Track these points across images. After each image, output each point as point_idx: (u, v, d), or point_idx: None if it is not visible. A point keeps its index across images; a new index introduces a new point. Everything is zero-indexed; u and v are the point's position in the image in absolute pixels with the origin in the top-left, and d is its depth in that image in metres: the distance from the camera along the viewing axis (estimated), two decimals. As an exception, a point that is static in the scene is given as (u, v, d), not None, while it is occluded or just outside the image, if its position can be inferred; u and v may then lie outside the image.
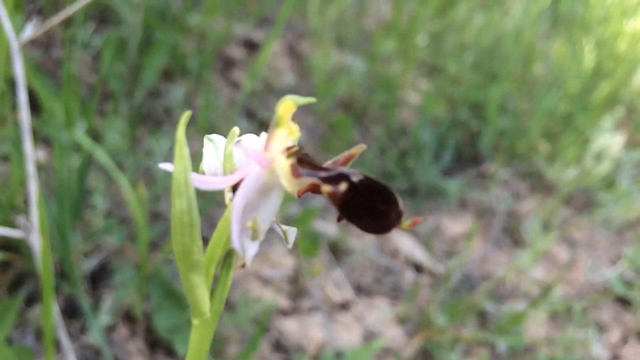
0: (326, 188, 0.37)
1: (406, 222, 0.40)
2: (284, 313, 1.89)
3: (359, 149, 0.42)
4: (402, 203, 0.40)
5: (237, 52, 2.86)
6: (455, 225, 2.52)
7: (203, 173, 0.45)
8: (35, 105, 2.01)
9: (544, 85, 2.96)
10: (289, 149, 0.39)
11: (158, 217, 1.96)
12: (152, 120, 2.33)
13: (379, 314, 1.99)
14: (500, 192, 2.70)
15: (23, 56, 1.83)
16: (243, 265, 0.40)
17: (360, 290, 2.08)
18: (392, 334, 1.96)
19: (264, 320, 1.54)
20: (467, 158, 2.84)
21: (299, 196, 0.40)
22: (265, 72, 2.85)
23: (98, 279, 1.73)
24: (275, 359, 1.76)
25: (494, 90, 2.78)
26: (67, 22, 2.33)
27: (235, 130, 0.44)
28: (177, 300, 1.66)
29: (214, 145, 0.45)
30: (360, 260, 2.17)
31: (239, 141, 0.46)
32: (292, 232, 0.48)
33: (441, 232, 2.48)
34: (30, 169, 0.94)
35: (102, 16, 2.49)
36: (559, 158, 2.74)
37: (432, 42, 3.11)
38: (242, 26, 2.94)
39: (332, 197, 0.37)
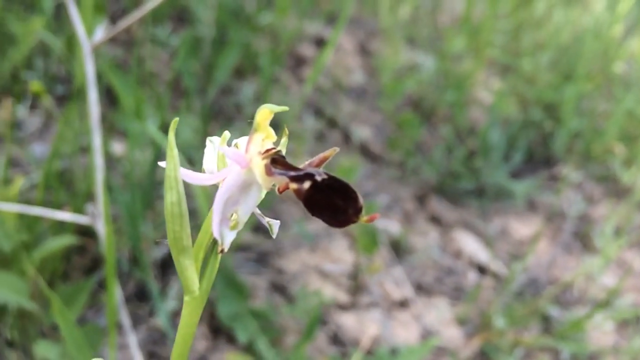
0: (292, 186, 0.42)
1: (364, 217, 0.44)
2: (342, 308, 1.93)
3: (332, 151, 0.47)
4: (361, 200, 0.44)
5: (308, 50, 2.91)
6: (523, 227, 2.47)
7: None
8: (115, 101, 2.14)
9: (624, 85, 2.84)
10: (267, 151, 0.44)
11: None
12: (223, 116, 2.42)
13: (438, 314, 1.99)
14: (572, 195, 2.62)
15: (99, 56, 1.95)
16: (222, 251, 0.45)
17: (420, 289, 2.08)
18: (451, 335, 1.95)
19: (316, 312, 1.58)
20: (538, 160, 2.77)
21: (280, 192, 0.44)
22: (335, 70, 2.89)
23: (167, 265, 1.82)
24: (332, 351, 1.80)
25: (570, 90, 2.70)
26: (148, 22, 2.46)
27: (226, 134, 0.48)
28: (239, 290, 1.72)
29: (213, 147, 0.50)
30: (422, 259, 2.17)
31: (236, 144, 0.51)
32: (275, 225, 0.52)
33: (508, 234, 2.44)
34: (98, 160, 1.02)
35: (180, 16, 2.60)
36: (636, 161, 2.63)
37: (506, 40, 3.05)
38: (314, 24, 2.99)
39: (297, 193, 0.42)
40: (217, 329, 1.76)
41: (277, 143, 0.48)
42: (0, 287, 1.29)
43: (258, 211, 0.50)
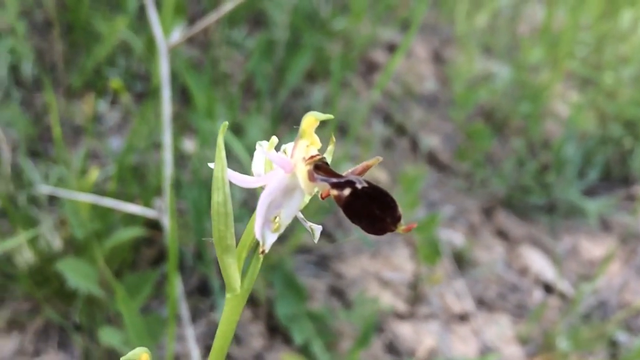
0: (333, 192, 0.43)
1: (402, 226, 0.44)
2: (400, 317, 1.91)
3: (375, 160, 0.47)
4: (399, 210, 0.44)
5: (380, 56, 2.91)
6: (595, 247, 2.37)
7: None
8: (189, 100, 2.21)
9: None
10: (311, 157, 0.44)
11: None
12: (292, 119, 2.45)
13: (499, 330, 1.94)
14: (650, 217, 2.50)
15: (177, 55, 2.01)
16: (263, 252, 0.47)
17: (482, 303, 2.04)
18: (511, 353, 1.90)
19: (373, 319, 1.57)
20: (615, 178, 2.66)
21: (323, 198, 0.45)
22: (407, 76, 2.87)
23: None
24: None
25: (654, 107, 2.57)
26: (225, 24, 2.52)
27: (274, 139, 0.49)
28: (297, 291, 1.74)
29: (262, 151, 0.51)
30: (486, 274, 2.13)
31: (284, 150, 0.52)
32: (317, 230, 0.53)
33: (578, 253, 2.35)
34: (167, 156, 1.06)
35: (257, 19, 2.66)
36: None
37: (587, 52, 2.95)
38: (388, 30, 2.98)
39: (337, 200, 0.43)
40: (274, 328, 1.78)
41: (323, 150, 0.49)
42: (72, 273, 1.36)
43: (301, 215, 0.51)
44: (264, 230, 0.45)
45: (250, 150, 2.07)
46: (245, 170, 2.01)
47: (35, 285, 1.54)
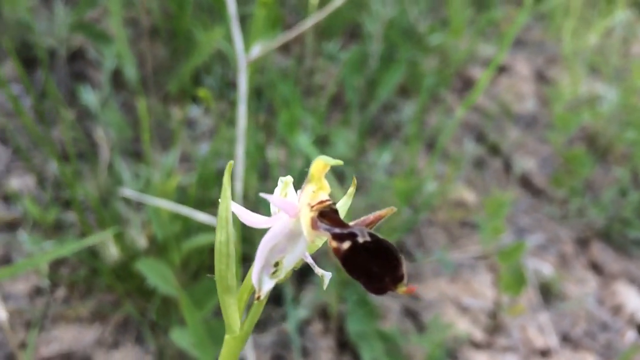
0: (333, 244, 0.41)
1: (402, 288, 0.41)
2: (476, 346, 1.84)
3: (389, 210, 0.44)
4: (401, 269, 0.41)
5: (479, 73, 2.82)
6: (702, 291, 2.17)
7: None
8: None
9: None
10: (321, 202, 0.42)
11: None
12: (381, 133, 2.43)
13: (583, 371, 1.82)
14: None
15: (269, 66, 2.05)
16: (258, 298, 0.45)
17: (567, 340, 1.92)
18: (595, 396, 1.78)
19: (444, 345, 1.52)
20: None
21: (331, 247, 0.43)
22: (505, 95, 2.77)
23: (305, 274, 1.87)
24: (458, 389, 1.72)
25: None
26: (321, 36, 2.55)
27: (288, 179, 0.48)
28: (369, 309, 1.72)
29: (281, 186, 0.50)
30: (574, 309, 2.00)
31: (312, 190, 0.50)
32: (327, 277, 0.50)
33: (682, 295, 2.16)
34: (239, 168, 1.08)
35: (353, 32, 2.66)
36: None
37: None
38: (488, 47, 2.89)
39: (335, 252, 0.40)
40: (344, 344, 1.77)
41: (332, 193, 0.47)
42: (151, 273, 1.41)
43: (311, 260, 0.50)
44: (261, 276, 0.44)
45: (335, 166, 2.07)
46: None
47: (118, 280, 1.62)
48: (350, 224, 0.43)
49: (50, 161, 1.90)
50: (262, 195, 0.43)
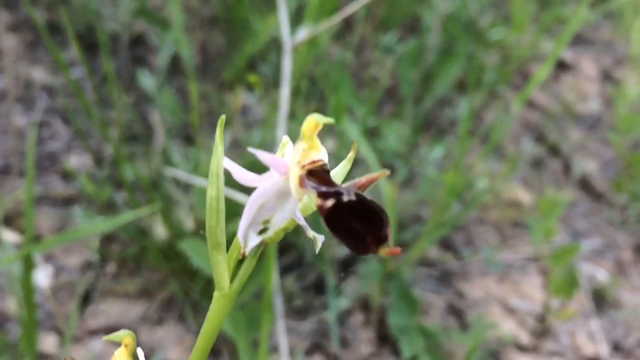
0: (317, 201, 0.40)
1: (384, 249, 0.40)
2: (522, 349, 1.79)
3: (382, 173, 0.43)
4: (385, 231, 0.40)
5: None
6: None
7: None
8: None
9: None
10: (313, 162, 0.42)
11: (418, 220, 2.02)
12: (435, 128, 2.40)
13: (635, 383, 1.75)
14: None
15: (327, 55, 2.05)
16: (243, 254, 0.44)
17: (618, 349, 1.84)
18: (646, 410, 1.70)
19: (488, 345, 1.48)
20: None
21: (317, 207, 0.42)
22: (569, 94, 2.68)
23: (349, 264, 1.87)
24: (499, 391, 1.68)
25: None
26: (379, 28, 2.53)
27: (285, 139, 0.47)
28: (412, 303, 1.70)
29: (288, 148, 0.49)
30: (628, 318, 1.92)
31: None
32: (319, 239, 0.49)
33: None
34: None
35: (413, 26, 2.63)
36: None
37: None
38: (553, 43, 2.80)
39: (319, 210, 0.40)
40: (384, 337, 1.75)
41: (327, 157, 0.45)
42: (195, 253, 1.44)
43: (303, 222, 0.49)
44: (247, 232, 0.43)
45: (384, 156, 2.05)
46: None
47: (164, 259, 1.66)
48: (342, 185, 0.43)
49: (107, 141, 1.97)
50: (250, 149, 0.43)
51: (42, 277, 1.72)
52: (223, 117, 0.46)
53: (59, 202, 1.87)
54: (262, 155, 0.42)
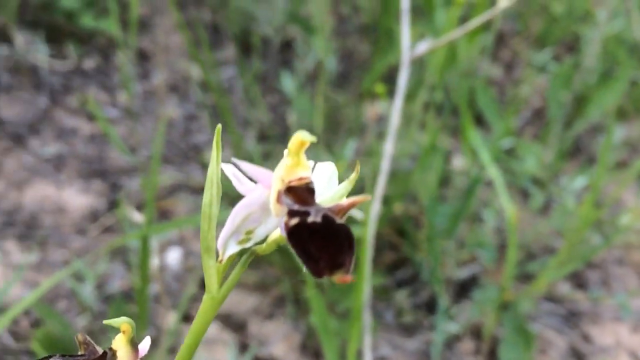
0: (285, 218, 0.39)
1: (337, 275, 0.37)
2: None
3: (364, 198, 0.41)
4: (344, 258, 0.39)
5: None
6: None
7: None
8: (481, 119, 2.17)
9: None
10: (300, 179, 0.41)
11: (549, 251, 1.90)
12: (586, 156, 2.22)
13: None
14: None
15: (473, 71, 1.99)
16: (220, 261, 0.44)
17: None
18: None
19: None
20: None
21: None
22: None
23: (465, 287, 1.80)
24: None
25: None
26: (534, 45, 2.40)
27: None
28: (527, 339, 1.59)
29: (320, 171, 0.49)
30: None
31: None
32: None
33: None
34: (385, 165, 1.07)
35: (570, 44, 2.47)
36: None
37: None
38: None
39: (285, 226, 0.40)
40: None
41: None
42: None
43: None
44: (228, 240, 0.43)
45: (518, 179, 1.95)
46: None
47: (281, 256, 1.72)
48: (323, 206, 0.41)
49: (249, 138, 2.08)
50: (234, 161, 0.43)
51: (173, 258, 1.86)
52: (219, 126, 0.47)
53: (197, 190, 2.00)
54: (247, 167, 0.42)
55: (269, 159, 1.98)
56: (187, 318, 1.66)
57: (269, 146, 2.07)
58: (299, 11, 2.31)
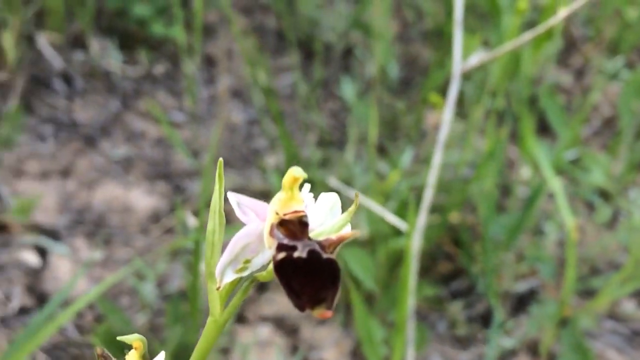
0: (273, 252, 0.41)
1: (317, 310, 0.40)
2: None
3: (354, 233, 0.41)
4: (327, 295, 0.40)
5: None
6: None
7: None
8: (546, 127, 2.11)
9: None
10: (294, 212, 0.42)
11: (615, 267, 1.82)
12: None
13: None
14: None
15: (541, 79, 1.94)
16: (218, 288, 0.45)
17: None
18: None
19: None
20: None
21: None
22: None
23: (522, 301, 1.75)
24: None
25: None
26: (607, 52, 2.31)
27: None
28: (585, 357, 1.54)
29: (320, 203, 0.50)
30: None
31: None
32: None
33: None
34: (432, 177, 1.06)
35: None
36: None
37: None
38: None
39: (273, 260, 0.41)
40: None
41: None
42: (354, 262, 1.48)
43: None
44: (225, 268, 0.44)
45: (583, 191, 1.88)
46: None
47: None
48: (313, 240, 0.42)
49: (308, 144, 2.10)
50: (229, 193, 0.45)
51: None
52: (221, 160, 0.48)
53: (256, 194, 2.05)
54: (244, 200, 0.43)
55: (326, 166, 2.00)
56: (240, 319, 1.70)
57: (327, 152, 2.09)
58: (361, 17, 2.31)
